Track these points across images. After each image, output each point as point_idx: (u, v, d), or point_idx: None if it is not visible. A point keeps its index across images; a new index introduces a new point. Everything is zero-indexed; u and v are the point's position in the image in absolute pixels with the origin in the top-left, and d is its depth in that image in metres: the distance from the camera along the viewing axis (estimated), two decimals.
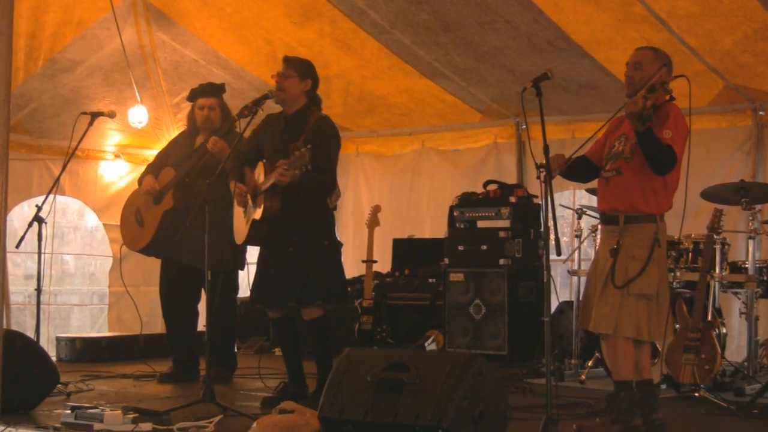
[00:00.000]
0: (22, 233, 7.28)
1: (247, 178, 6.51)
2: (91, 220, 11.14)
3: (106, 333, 10.14)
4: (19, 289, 10.53)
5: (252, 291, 6.60)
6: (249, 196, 6.42)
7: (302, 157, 5.89)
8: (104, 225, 10.79)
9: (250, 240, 6.46)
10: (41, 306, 7.45)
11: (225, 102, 7.72)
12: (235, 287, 7.85)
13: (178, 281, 7.63)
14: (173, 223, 7.46)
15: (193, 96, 7.74)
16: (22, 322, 9.60)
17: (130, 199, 7.93)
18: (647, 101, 5.02)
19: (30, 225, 7.07)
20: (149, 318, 9.57)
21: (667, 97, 5.31)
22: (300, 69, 6.47)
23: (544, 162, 5.12)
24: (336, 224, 6.88)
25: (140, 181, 7.77)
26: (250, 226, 6.35)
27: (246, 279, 7.18)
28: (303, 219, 6.33)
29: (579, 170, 5.72)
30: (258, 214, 6.28)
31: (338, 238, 6.73)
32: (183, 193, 7.44)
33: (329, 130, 6.46)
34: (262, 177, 6.41)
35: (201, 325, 7.91)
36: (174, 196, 7.43)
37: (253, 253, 7.32)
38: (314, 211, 6.39)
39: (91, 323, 11.46)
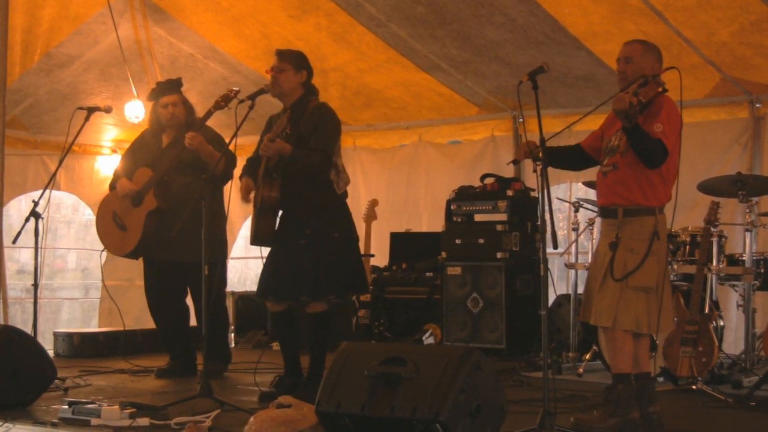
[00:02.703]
0: (17, 228, 7.26)
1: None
2: (85, 214, 11.15)
3: (103, 328, 10.14)
4: (11, 284, 10.55)
5: (260, 285, 6.58)
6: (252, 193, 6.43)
7: (281, 124, 6.10)
8: None
9: (259, 234, 6.40)
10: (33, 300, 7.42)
11: (185, 96, 7.68)
12: (224, 279, 7.81)
13: (164, 280, 7.56)
14: (158, 222, 7.37)
15: (154, 95, 7.66)
16: (13, 316, 9.60)
17: (102, 204, 7.73)
18: (635, 98, 5.02)
19: (27, 220, 7.06)
20: (143, 312, 9.54)
21: (660, 89, 5.30)
22: (294, 61, 6.47)
23: (540, 155, 5.11)
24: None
25: (112, 186, 7.63)
26: (256, 218, 6.34)
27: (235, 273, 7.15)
28: (308, 206, 6.32)
29: (570, 158, 5.72)
30: (258, 203, 6.30)
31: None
32: (163, 191, 7.37)
33: (327, 115, 6.47)
34: None
35: (192, 319, 7.92)
36: (156, 195, 7.32)
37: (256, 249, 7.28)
38: (319, 196, 6.35)
39: (82, 317, 11.49)
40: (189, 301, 7.75)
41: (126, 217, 7.47)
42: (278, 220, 6.43)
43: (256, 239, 6.42)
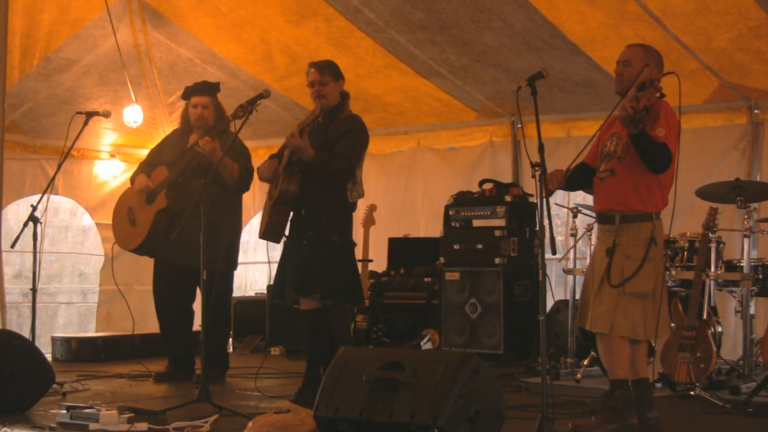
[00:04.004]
0: (14, 232, 7.26)
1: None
2: (83, 219, 11.14)
3: (101, 333, 10.12)
4: (7, 288, 10.52)
5: (273, 286, 6.67)
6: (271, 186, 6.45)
7: (313, 112, 6.24)
8: (97, 224, 10.79)
9: (270, 228, 6.40)
10: (29, 304, 7.42)
11: (219, 101, 7.70)
12: (230, 287, 7.82)
13: (172, 281, 7.59)
14: (166, 223, 7.39)
15: (187, 94, 7.70)
16: (9, 320, 9.58)
17: (122, 197, 7.87)
18: (638, 103, 5.01)
19: (25, 225, 7.06)
20: (141, 317, 9.55)
21: (658, 95, 5.31)
22: (332, 71, 6.54)
23: (539, 161, 5.11)
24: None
25: (132, 179, 7.74)
26: (270, 211, 6.36)
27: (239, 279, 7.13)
28: (317, 207, 6.34)
29: (580, 179, 5.70)
30: (275, 195, 6.31)
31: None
32: (176, 192, 7.40)
33: (357, 126, 6.52)
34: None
35: (196, 324, 7.90)
36: (167, 195, 7.39)
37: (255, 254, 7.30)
38: (332, 201, 6.38)
39: (78, 321, 11.47)
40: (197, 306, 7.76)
41: (138, 213, 7.55)
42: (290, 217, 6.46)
43: (266, 233, 6.43)
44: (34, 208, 7.08)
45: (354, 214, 6.62)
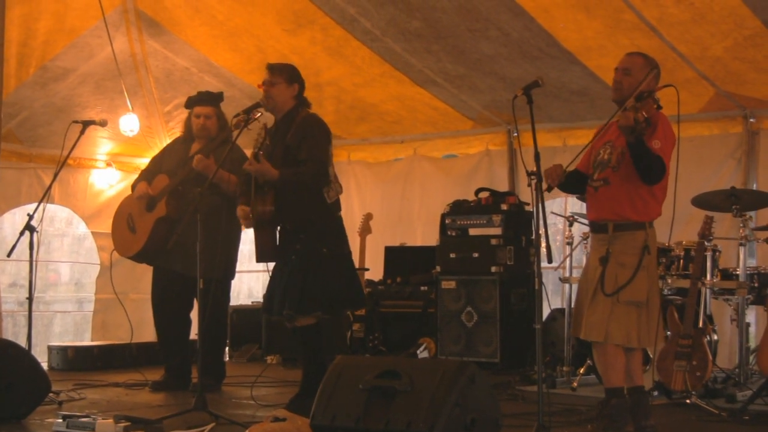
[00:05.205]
0: (10, 241, 7.25)
1: None
2: (79, 228, 11.13)
3: (97, 342, 10.11)
4: (3, 297, 10.50)
5: (263, 300, 6.64)
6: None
7: (259, 138, 6.21)
8: (93, 233, 10.76)
9: (262, 250, 6.38)
10: (25, 313, 7.41)
11: (222, 110, 7.70)
12: (227, 296, 7.82)
13: (170, 289, 7.60)
14: (165, 231, 7.41)
15: (190, 104, 7.71)
16: (5, 329, 9.59)
17: (122, 204, 7.90)
18: (639, 113, 5.02)
19: (21, 234, 7.05)
20: (137, 326, 9.52)
21: (655, 106, 5.32)
22: (286, 74, 6.46)
23: (535, 169, 5.12)
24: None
25: (134, 186, 7.76)
26: (257, 236, 6.34)
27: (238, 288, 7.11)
28: (298, 218, 6.30)
29: (574, 184, 5.71)
30: (255, 220, 6.30)
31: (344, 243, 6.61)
32: (176, 201, 7.42)
33: (315, 124, 6.44)
34: None
35: (193, 333, 7.89)
36: (167, 204, 7.41)
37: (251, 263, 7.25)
38: (309, 209, 6.31)
39: (74, 330, 11.46)
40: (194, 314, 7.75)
41: (137, 220, 7.57)
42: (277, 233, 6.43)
43: (260, 256, 6.40)
44: (30, 217, 7.06)
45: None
